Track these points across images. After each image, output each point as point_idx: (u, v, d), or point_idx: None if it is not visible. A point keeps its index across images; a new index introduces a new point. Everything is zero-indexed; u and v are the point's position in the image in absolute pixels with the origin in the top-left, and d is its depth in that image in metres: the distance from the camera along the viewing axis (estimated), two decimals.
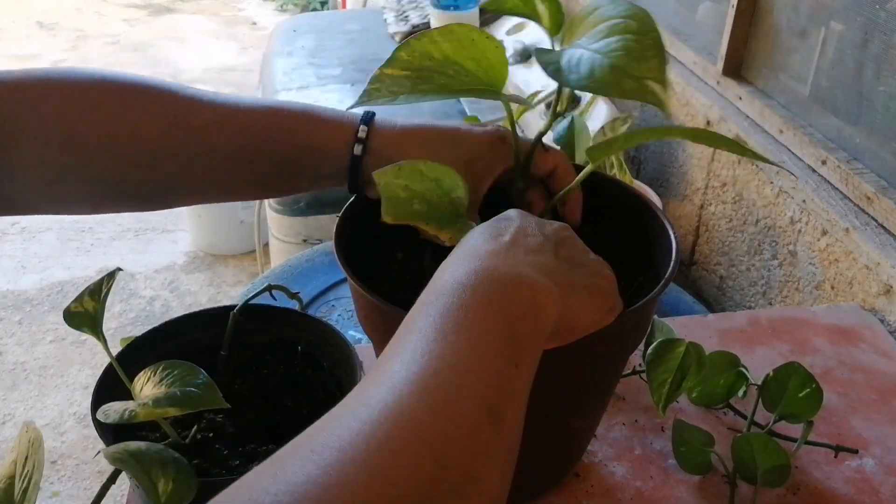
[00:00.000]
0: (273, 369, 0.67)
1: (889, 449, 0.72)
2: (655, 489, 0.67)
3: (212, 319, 0.66)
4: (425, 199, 0.50)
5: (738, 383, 0.74)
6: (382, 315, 0.53)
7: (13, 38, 4.33)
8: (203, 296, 2.37)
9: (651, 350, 0.64)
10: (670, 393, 0.61)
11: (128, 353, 0.62)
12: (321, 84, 1.98)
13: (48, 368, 2.09)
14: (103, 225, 2.69)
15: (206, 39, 4.38)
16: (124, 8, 4.83)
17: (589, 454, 0.70)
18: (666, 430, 0.72)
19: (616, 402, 0.76)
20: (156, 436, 0.58)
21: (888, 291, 0.91)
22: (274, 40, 2.33)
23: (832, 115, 1.08)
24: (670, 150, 1.46)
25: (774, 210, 1.13)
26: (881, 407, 0.77)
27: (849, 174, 1.00)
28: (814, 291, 1.06)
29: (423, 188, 0.51)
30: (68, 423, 1.92)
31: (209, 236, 2.53)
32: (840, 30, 1.07)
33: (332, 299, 1.16)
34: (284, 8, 4.85)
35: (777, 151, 1.13)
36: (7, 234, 2.64)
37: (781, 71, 1.19)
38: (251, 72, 3.82)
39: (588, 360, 0.55)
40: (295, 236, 1.63)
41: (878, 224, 0.96)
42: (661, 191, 1.48)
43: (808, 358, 0.83)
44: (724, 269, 1.30)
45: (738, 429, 0.72)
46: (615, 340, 0.55)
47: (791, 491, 0.67)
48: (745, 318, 0.90)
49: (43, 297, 2.35)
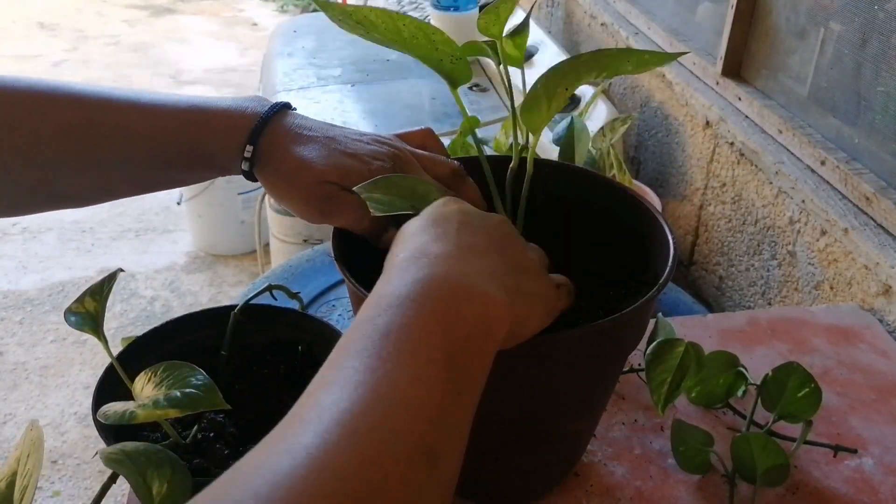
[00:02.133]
0: (273, 369, 0.67)
1: (888, 448, 0.72)
2: (655, 489, 0.67)
3: (212, 319, 0.66)
4: (405, 198, 0.52)
5: (738, 383, 0.74)
6: None
7: (13, 38, 4.34)
8: (204, 296, 2.37)
9: (650, 350, 0.64)
10: (669, 393, 0.62)
11: (128, 353, 0.62)
12: (321, 84, 1.98)
13: (49, 368, 2.09)
14: (104, 225, 2.69)
15: (206, 40, 4.38)
16: (125, 8, 4.83)
17: (588, 454, 0.70)
18: (665, 430, 0.72)
19: (615, 402, 0.76)
20: (156, 435, 0.59)
21: (887, 291, 0.91)
22: (274, 41, 2.33)
23: (831, 116, 1.08)
24: (670, 150, 1.46)
25: (774, 210, 1.14)
26: (880, 407, 0.77)
27: (848, 174, 1.01)
28: (813, 291, 1.06)
29: (400, 192, 0.52)
30: (69, 423, 1.92)
31: (210, 236, 2.53)
32: (839, 30, 1.07)
33: (332, 299, 1.16)
34: (285, 9, 4.85)
35: (776, 152, 1.14)
36: (8, 234, 2.65)
37: (781, 71, 1.19)
38: (251, 72, 3.82)
39: (595, 366, 0.55)
40: (295, 236, 1.64)
41: (877, 224, 0.96)
42: (661, 191, 1.48)
43: (808, 358, 0.83)
44: (724, 270, 1.30)
45: (737, 428, 0.73)
46: (614, 343, 0.55)
47: (790, 490, 0.67)
48: (745, 318, 0.90)
49: (44, 298, 2.35)
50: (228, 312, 0.66)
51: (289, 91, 1.94)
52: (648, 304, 0.52)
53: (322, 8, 0.53)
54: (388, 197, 0.52)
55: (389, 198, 0.52)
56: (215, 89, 3.74)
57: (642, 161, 1.59)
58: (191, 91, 3.71)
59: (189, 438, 0.58)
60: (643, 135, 1.58)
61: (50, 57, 4.07)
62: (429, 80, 1.96)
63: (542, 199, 0.64)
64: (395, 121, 1.77)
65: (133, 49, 4.21)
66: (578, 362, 0.53)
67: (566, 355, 0.52)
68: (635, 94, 1.61)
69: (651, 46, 1.53)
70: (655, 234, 0.60)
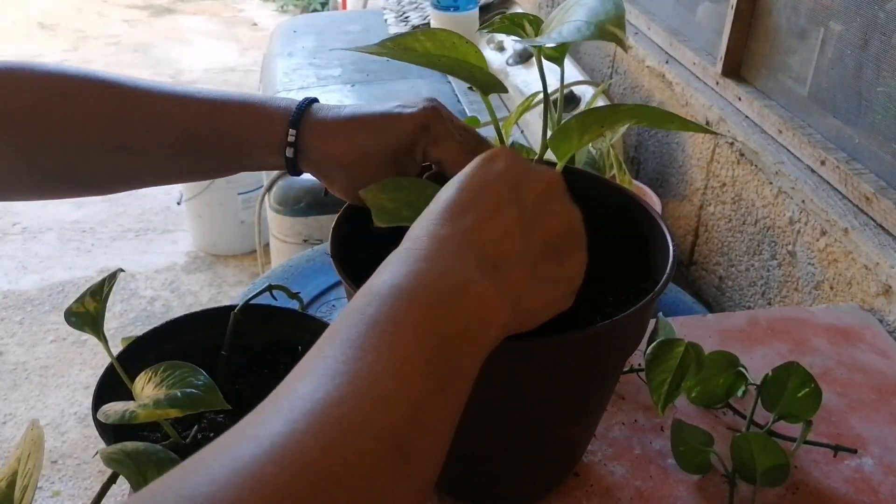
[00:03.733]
0: (273, 369, 0.67)
1: (888, 448, 0.72)
2: (655, 489, 0.67)
3: (212, 319, 0.66)
4: (412, 206, 0.52)
5: (738, 383, 0.74)
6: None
7: (14, 38, 4.34)
8: (204, 296, 2.37)
9: (650, 350, 0.64)
10: (669, 393, 0.62)
11: (129, 353, 0.62)
12: (321, 84, 1.98)
13: (49, 368, 2.09)
14: (104, 225, 2.69)
15: (206, 40, 4.38)
16: (125, 8, 4.83)
17: (588, 454, 0.70)
18: (665, 430, 0.72)
19: (615, 402, 0.76)
20: (156, 436, 0.59)
21: (887, 291, 0.91)
22: (274, 41, 2.33)
23: (831, 116, 1.08)
24: (669, 150, 1.46)
25: (773, 210, 1.14)
26: (880, 407, 0.77)
27: (848, 174, 1.01)
28: (813, 291, 1.06)
29: (408, 197, 0.52)
30: (69, 423, 1.92)
31: (210, 236, 2.53)
32: (839, 30, 1.07)
33: (332, 299, 1.16)
34: (285, 9, 4.85)
35: (776, 152, 1.14)
36: (8, 234, 2.65)
37: (781, 71, 1.19)
38: (252, 72, 3.82)
39: (594, 369, 0.55)
40: (295, 236, 1.64)
41: (876, 224, 0.96)
42: (661, 191, 1.48)
43: (807, 358, 0.83)
44: (724, 270, 1.30)
45: (737, 428, 0.73)
46: (613, 346, 0.55)
47: (790, 490, 0.67)
48: (745, 318, 0.90)
49: (44, 298, 2.35)
50: (228, 312, 0.66)
51: (289, 91, 1.94)
52: (647, 307, 0.52)
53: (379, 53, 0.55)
54: (393, 204, 0.52)
55: (395, 205, 0.52)
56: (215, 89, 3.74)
57: (642, 161, 1.59)
58: None
59: (189, 438, 0.58)
60: (643, 135, 1.58)
61: (50, 57, 4.07)
62: (429, 80, 1.96)
63: None
64: None
65: (133, 49, 4.21)
66: (578, 365, 0.53)
67: (566, 359, 0.52)
68: (635, 94, 1.61)
69: (651, 46, 1.53)
70: (656, 238, 0.60)
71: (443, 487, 0.66)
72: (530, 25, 0.59)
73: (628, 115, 0.52)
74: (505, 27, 0.60)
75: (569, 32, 0.51)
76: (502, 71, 1.84)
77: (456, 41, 0.57)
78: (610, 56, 1.74)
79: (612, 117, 0.52)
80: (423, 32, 0.57)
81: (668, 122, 0.53)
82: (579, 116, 0.51)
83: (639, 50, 1.56)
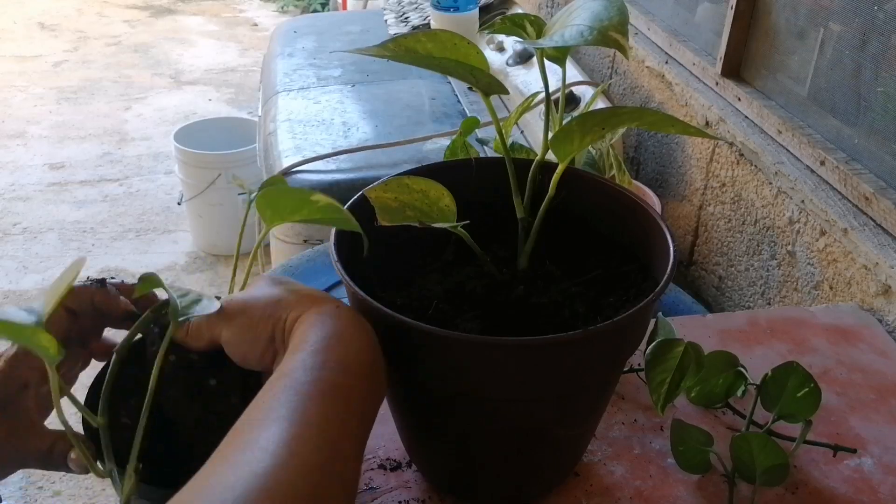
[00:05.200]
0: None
1: (887, 448, 0.72)
2: (654, 488, 0.67)
3: None
4: (415, 208, 0.53)
5: (737, 383, 0.74)
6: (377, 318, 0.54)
7: (14, 38, 4.34)
8: None
9: (650, 350, 0.64)
10: (669, 392, 0.62)
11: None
12: (321, 85, 1.99)
13: None
14: (104, 225, 2.69)
15: (207, 41, 4.38)
16: (125, 9, 4.83)
17: (588, 453, 0.70)
18: (665, 430, 0.72)
19: (615, 402, 0.76)
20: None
21: (886, 291, 0.91)
22: (275, 41, 2.33)
23: (831, 116, 1.09)
24: (669, 150, 1.47)
25: (773, 210, 1.14)
26: (879, 406, 0.78)
27: (847, 174, 1.01)
28: (812, 291, 1.06)
29: (411, 198, 0.53)
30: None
31: (210, 236, 2.53)
32: (838, 31, 1.07)
33: None
34: (285, 9, 4.86)
35: (776, 152, 1.14)
36: (9, 234, 2.65)
37: (780, 72, 1.20)
38: (252, 73, 3.83)
39: (593, 369, 0.55)
40: (295, 237, 1.64)
41: (876, 224, 0.96)
42: (661, 191, 1.48)
43: (807, 358, 0.83)
44: (723, 270, 1.30)
45: (736, 428, 0.73)
46: (612, 347, 0.55)
47: (790, 490, 0.68)
48: (744, 318, 0.90)
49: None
50: None
51: (289, 91, 1.94)
52: (648, 307, 0.53)
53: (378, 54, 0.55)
54: (397, 204, 0.52)
55: (398, 205, 0.52)
56: (215, 89, 3.74)
57: (642, 161, 1.59)
58: (191, 90, 3.72)
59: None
60: (643, 135, 1.59)
61: (50, 57, 4.07)
62: (429, 80, 1.96)
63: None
64: (395, 121, 1.77)
65: (133, 49, 4.21)
66: (577, 366, 0.53)
67: (565, 359, 0.52)
68: (635, 95, 1.61)
69: (651, 47, 1.53)
70: (656, 238, 0.60)
71: (443, 487, 0.66)
72: (531, 26, 0.60)
73: (629, 118, 0.52)
74: (506, 28, 0.60)
75: (571, 36, 0.51)
76: (502, 71, 1.84)
77: (457, 42, 0.57)
78: (609, 56, 1.75)
79: (613, 120, 0.52)
80: (425, 33, 0.57)
81: (670, 126, 0.53)
82: (580, 118, 0.51)
83: (638, 50, 1.56)
